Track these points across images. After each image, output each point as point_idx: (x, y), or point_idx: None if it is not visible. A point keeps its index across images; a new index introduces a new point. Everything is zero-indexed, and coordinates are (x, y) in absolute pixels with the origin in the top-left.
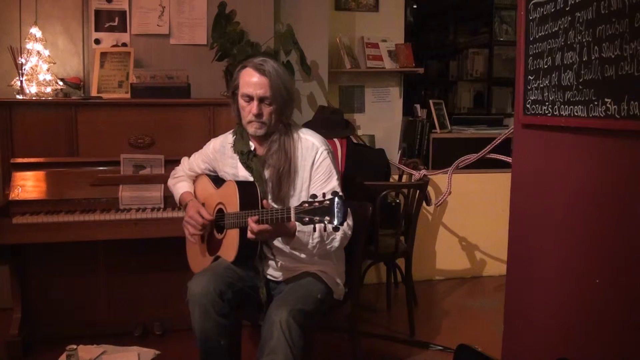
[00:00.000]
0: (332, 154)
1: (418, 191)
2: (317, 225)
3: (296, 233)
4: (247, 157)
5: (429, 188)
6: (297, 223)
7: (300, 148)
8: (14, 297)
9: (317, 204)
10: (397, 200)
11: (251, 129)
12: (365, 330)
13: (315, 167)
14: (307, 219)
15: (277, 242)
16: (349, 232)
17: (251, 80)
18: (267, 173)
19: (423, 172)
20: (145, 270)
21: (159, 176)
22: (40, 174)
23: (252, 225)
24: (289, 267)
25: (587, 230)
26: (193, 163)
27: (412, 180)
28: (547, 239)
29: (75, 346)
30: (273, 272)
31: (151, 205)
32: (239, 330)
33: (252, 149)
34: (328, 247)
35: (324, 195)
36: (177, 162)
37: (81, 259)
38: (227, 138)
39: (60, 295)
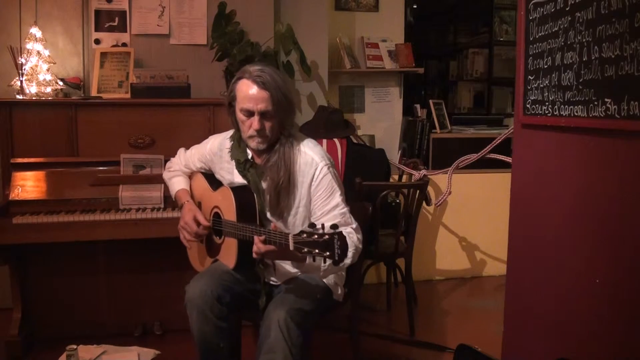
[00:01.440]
0: (334, 167)
1: (418, 191)
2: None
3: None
4: (243, 167)
5: (429, 188)
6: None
7: (299, 162)
8: (14, 297)
9: (316, 236)
10: (397, 200)
11: (253, 144)
12: (365, 330)
13: (315, 185)
14: (305, 250)
15: (284, 263)
16: (360, 246)
17: (250, 94)
18: (264, 184)
19: (423, 172)
20: (145, 270)
21: (159, 176)
22: (40, 174)
23: (260, 245)
24: (288, 272)
25: (587, 230)
26: (189, 160)
27: (412, 180)
28: (547, 238)
29: (75, 346)
30: (272, 277)
31: (151, 205)
32: (239, 332)
33: (250, 157)
34: (341, 265)
35: (323, 226)
36: None
37: (81, 259)
38: (225, 142)
39: (60, 296)
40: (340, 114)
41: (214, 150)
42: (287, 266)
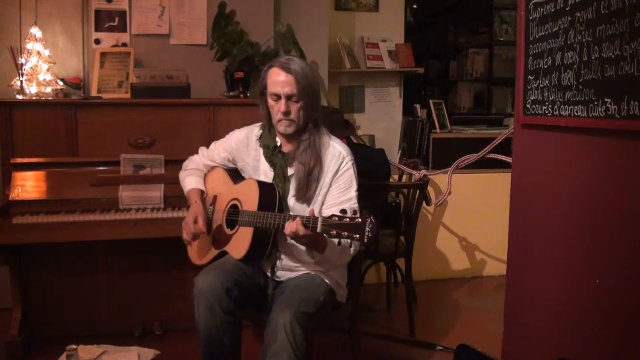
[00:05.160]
0: (355, 165)
1: (418, 191)
2: (343, 240)
3: (326, 250)
4: (271, 152)
5: (429, 188)
6: (326, 238)
7: (327, 154)
8: (14, 297)
9: (347, 219)
10: (397, 200)
11: (281, 128)
12: (365, 330)
13: (338, 175)
14: (334, 232)
15: (289, 256)
16: (362, 247)
17: (278, 79)
18: (290, 170)
19: (423, 172)
20: (145, 270)
21: (159, 176)
22: (40, 174)
23: (300, 227)
24: (291, 267)
25: (587, 230)
26: (213, 151)
27: (412, 180)
28: (547, 238)
29: (75, 346)
30: (276, 271)
31: (151, 205)
32: (240, 330)
33: (278, 144)
34: (343, 260)
35: (354, 212)
36: (177, 162)
37: (81, 259)
38: (253, 130)
39: (60, 296)
40: (340, 114)
41: (241, 138)
42: (291, 259)
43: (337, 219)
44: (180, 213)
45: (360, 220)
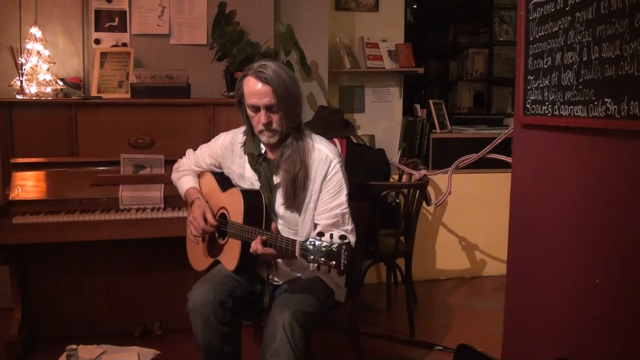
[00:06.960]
0: (344, 165)
1: (418, 191)
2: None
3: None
4: (256, 161)
5: (429, 188)
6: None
7: (313, 158)
8: (14, 297)
9: (324, 245)
10: (397, 200)
11: (264, 138)
12: (365, 330)
13: (327, 180)
14: (311, 257)
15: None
16: (353, 248)
17: (254, 90)
18: (276, 179)
19: (423, 172)
20: (145, 270)
21: (159, 176)
22: (40, 174)
23: (259, 246)
24: (287, 272)
25: (587, 230)
26: (199, 157)
27: (412, 180)
28: (547, 238)
29: (75, 346)
30: (274, 277)
31: (151, 205)
32: (239, 336)
33: (263, 152)
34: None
35: (331, 236)
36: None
37: (81, 259)
38: (237, 136)
39: (60, 296)
40: (340, 114)
41: (226, 144)
42: (287, 266)
43: (313, 244)
44: (180, 213)
45: (335, 247)
